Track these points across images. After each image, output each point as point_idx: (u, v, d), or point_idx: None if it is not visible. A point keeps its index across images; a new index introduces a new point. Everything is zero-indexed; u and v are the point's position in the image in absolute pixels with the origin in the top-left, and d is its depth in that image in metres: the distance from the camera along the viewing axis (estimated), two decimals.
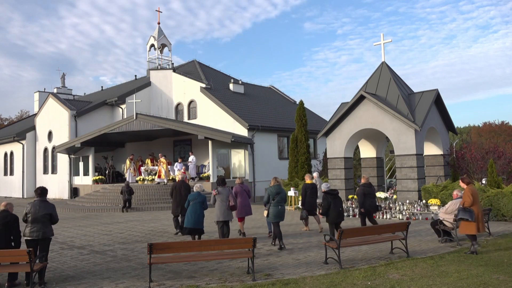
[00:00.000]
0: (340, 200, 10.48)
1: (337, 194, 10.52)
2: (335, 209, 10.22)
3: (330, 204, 10.25)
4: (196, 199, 10.80)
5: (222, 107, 26.02)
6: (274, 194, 10.33)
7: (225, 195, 10.44)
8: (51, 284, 7.43)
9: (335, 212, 10.21)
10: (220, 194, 10.46)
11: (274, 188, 10.45)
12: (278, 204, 10.27)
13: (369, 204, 11.57)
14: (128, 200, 19.54)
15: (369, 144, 19.75)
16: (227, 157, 24.48)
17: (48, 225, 7.57)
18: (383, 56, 18.15)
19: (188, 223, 10.64)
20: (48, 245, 7.71)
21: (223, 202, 10.39)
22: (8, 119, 58.71)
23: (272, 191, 10.38)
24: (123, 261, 9.14)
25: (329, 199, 10.31)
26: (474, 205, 8.97)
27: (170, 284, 7.20)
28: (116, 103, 29.42)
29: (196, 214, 10.64)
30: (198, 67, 31.88)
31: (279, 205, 10.28)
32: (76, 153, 26.87)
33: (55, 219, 7.68)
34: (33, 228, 7.41)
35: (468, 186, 9.21)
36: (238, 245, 7.83)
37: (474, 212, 8.85)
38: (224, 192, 10.49)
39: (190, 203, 10.81)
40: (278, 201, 10.29)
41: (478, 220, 8.87)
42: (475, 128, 69.86)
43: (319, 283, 6.92)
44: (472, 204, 8.94)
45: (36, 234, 7.39)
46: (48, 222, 7.57)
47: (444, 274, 7.22)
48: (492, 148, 18.29)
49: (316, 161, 25.43)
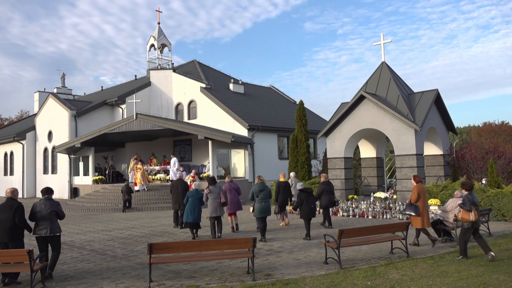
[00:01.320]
0: (313, 198, 11.41)
1: (310, 192, 11.33)
2: (308, 206, 11.07)
3: (303, 201, 11.10)
4: (195, 196, 11.72)
5: (222, 107, 26.02)
6: (258, 192, 11.36)
7: (216, 193, 11.53)
8: (51, 284, 7.43)
9: (308, 208, 11.07)
10: (212, 193, 11.50)
11: (258, 186, 11.47)
12: (262, 201, 11.29)
13: (328, 199, 12.76)
14: (128, 200, 19.55)
15: (369, 144, 19.75)
16: (227, 157, 24.48)
17: (55, 222, 7.87)
18: (383, 56, 18.16)
19: (188, 218, 11.55)
20: (58, 242, 7.95)
21: (215, 200, 11.43)
22: (8, 119, 58.72)
23: (255, 189, 11.44)
24: (123, 261, 9.14)
25: (303, 196, 11.16)
26: (420, 202, 9.78)
27: (170, 284, 7.20)
28: (116, 103, 29.41)
29: (195, 210, 11.55)
30: (198, 67, 31.89)
31: (263, 201, 11.29)
32: (76, 153, 26.86)
33: (61, 215, 7.99)
34: (41, 226, 7.71)
35: (417, 184, 10.02)
36: (238, 245, 7.84)
37: (419, 208, 9.70)
38: (215, 191, 11.55)
39: (189, 199, 11.72)
40: (262, 197, 11.31)
41: (423, 215, 9.72)
42: (475, 128, 69.81)
43: (319, 283, 6.92)
44: (417, 201, 9.78)
45: (44, 231, 7.68)
46: (55, 219, 7.87)
47: (444, 274, 7.22)
48: (492, 148, 18.28)
49: (316, 161, 25.42)
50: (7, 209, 7.52)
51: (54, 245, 7.86)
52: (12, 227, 7.47)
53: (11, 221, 7.45)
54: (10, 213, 7.46)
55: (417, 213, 9.69)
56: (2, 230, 7.45)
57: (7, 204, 7.59)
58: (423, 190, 9.96)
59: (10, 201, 7.65)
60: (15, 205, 7.56)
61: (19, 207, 7.59)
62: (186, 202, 11.80)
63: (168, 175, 23.55)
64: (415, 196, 9.84)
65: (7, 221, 7.44)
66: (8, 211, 7.49)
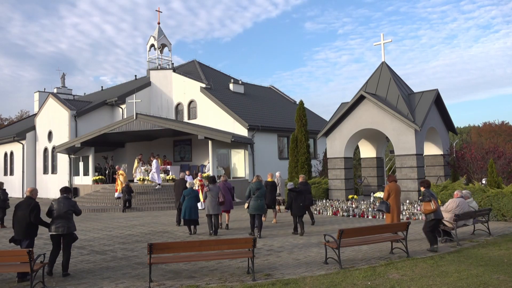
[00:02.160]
0: (302, 197, 11.98)
1: (299, 191, 12.03)
2: (297, 204, 11.79)
3: (292, 200, 11.85)
4: (190, 194, 12.53)
5: (222, 107, 26.02)
6: (255, 190, 11.82)
7: (215, 192, 12.11)
8: (51, 284, 7.43)
9: (297, 206, 11.79)
10: (211, 191, 12.09)
11: (255, 184, 11.98)
12: (258, 199, 11.77)
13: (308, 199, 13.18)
14: (128, 200, 19.56)
15: (369, 144, 19.75)
16: (227, 157, 24.48)
17: (71, 220, 8.09)
18: (383, 56, 18.17)
19: (185, 215, 12.34)
20: (72, 240, 8.15)
21: (213, 198, 11.99)
22: (8, 119, 58.71)
23: (253, 187, 11.90)
24: (123, 261, 9.14)
25: (292, 195, 11.91)
26: (391, 199, 10.49)
27: (170, 284, 7.20)
28: (116, 103, 29.42)
29: (191, 208, 12.30)
30: (198, 67, 31.89)
31: (259, 199, 11.78)
32: (76, 153, 26.87)
33: (78, 212, 8.25)
34: (58, 224, 7.93)
35: (390, 184, 10.75)
36: (238, 245, 7.83)
37: (390, 205, 10.48)
38: (214, 189, 12.15)
39: (185, 198, 12.46)
40: (258, 196, 11.79)
41: (393, 213, 10.50)
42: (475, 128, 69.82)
43: (319, 283, 6.92)
44: (388, 198, 10.52)
45: (61, 229, 7.92)
46: (71, 217, 8.11)
47: (444, 274, 7.22)
48: (492, 148, 18.27)
49: (316, 161, 25.42)
50: (24, 207, 7.86)
51: (67, 243, 8.05)
52: (28, 225, 7.80)
53: (27, 219, 7.78)
54: (26, 211, 7.79)
55: (387, 210, 10.49)
56: (18, 227, 7.83)
57: (25, 203, 7.94)
58: (395, 189, 10.63)
59: (28, 200, 8.00)
60: (32, 204, 7.87)
61: (35, 206, 7.87)
62: (183, 200, 12.50)
63: (168, 175, 23.55)
64: (386, 194, 10.64)
65: (23, 218, 7.79)
66: (25, 209, 7.82)
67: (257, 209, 11.70)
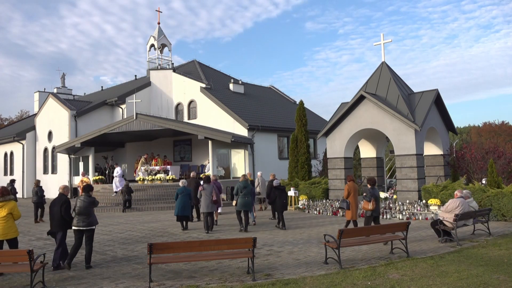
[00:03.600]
0: (286, 194, 13.36)
1: (283, 189, 13.30)
2: (280, 201, 12.92)
3: (276, 197, 12.99)
4: (183, 192, 13.52)
5: (222, 107, 26.02)
6: (242, 188, 12.74)
7: (209, 191, 12.83)
8: (51, 284, 7.43)
9: (280, 203, 12.91)
10: (205, 190, 12.83)
11: (242, 183, 12.88)
12: (245, 196, 12.67)
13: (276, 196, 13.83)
14: (128, 200, 19.55)
15: (369, 144, 19.75)
16: (227, 157, 24.47)
17: (92, 216, 8.76)
18: (383, 56, 18.17)
19: (177, 212, 13.27)
20: (92, 235, 8.82)
21: (207, 197, 12.74)
22: (8, 119, 58.70)
23: (240, 186, 12.81)
24: (123, 261, 9.14)
25: (276, 192, 13.07)
26: (350, 198, 11.53)
27: (170, 284, 7.20)
28: (116, 103, 29.41)
29: (183, 205, 13.30)
30: (198, 67, 31.88)
31: (246, 197, 12.68)
32: (76, 153, 26.86)
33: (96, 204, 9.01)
34: (79, 219, 8.60)
35: (348, 183, 11.82)
36: (238, 245, 7.83)
37: (349, 203, 11.49)
38: (208, 188, 12.87)
39: (178, 195, 13.45)
40: (245, 193, 12.69)
41: (353, 209, 11.49)
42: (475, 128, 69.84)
43: (319, 283, 6.92)
44: (348, 197, 11.55)
45: (82, 224, 8.60)
46: (92, 213, 8.80)
47: (444, 274, 7.22)
48: (492, 148, 18.28)
49: (316, 161, 25.42)
50: (57, 203, 8.74)
51: (89, 237, 8.68)
52: (60, 218, 8.63)
53: (59, 214, 8.61)
54: (58, 207, 8.66)
55: (348, 207, 11.54)
56: (53, 220, 8.73)
57: (58, 199, 8.82)
58: (354, 188, 11.71)
59: (61, 196, 8.90)
60: (63, 200, 8.79)
61: (65, 201, 8.76)
62: (176, 198, 13.48)
63: (168, 175, 23.54)
64: (346, 193, 11.69)
65: (56, 213, 8.65)
66: (58, 204, 8.70)
67: (244, 206, 12.64)
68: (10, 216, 8.20)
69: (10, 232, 8.21)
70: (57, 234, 8.64)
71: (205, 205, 12.71)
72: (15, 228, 8.35)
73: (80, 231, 8.61)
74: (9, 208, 8.16)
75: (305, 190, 18.58)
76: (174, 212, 13.63)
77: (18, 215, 8.33)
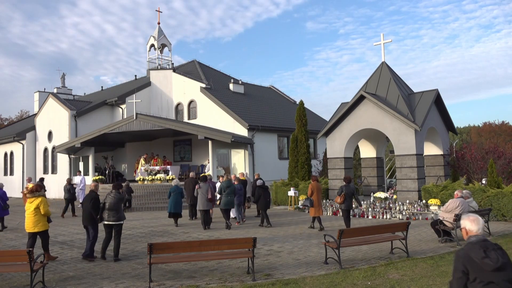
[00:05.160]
0: (269, 193, 14.13)
1: (266, 188, 14.06)
2: (264, 199, 13.64)
3: (260, 195, 13.66)
4: (176, 191, 14.53)
5: (222, 107, 26.01)
6: (225, 188, 13.48)
7: (205, 189, 13.36)
8: (51, 284, 7.43)
9: (264, 201, 13.60)
10: (201, 188, 13.42)
11: (225, 183, 13.69)
12: (228, 195, 13.47)
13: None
14: (128, 200, 19.53)
15: (369, 144, 19.75)
16: (227, 157, 24.46)
17: (120, 211, 9.39)
18: (383, 56, 18.17)
19: (170, 209, 14.36)
20: (121, 228, 9.49)
21: (204, 195, 13.29)
22: (8, 119, 58.70)
23: (223, 185, 13.60)
24: (123, 261, 9.15)
25: (260, 191, 13.75)
26: (314, 196, 12.54)
27: (170, 284, 7.20)
28: (116, 103, 29.40)
29: (175, 203, 14.35)
30: (198, 67, 31.87)
31: (229, 196, 13.48)
32: (76, 153, 26.85)
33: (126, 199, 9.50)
34: (109, 214, 9.23)
35: (312, 183, 12.82)
36: (238, 245, 7.83)
37: (313, 201, 12.50)
38: (204, 187, 13.43)
39: (171, 194, 14.44)
40: (228, 193, 13.47)
41: (316, 206, 12.50)
42: (475, 128, 69.85)
43: (319, 283, 6.92)
44: (311, 195, 12.53)
45: (112, 219, 9.23)
46: (121, 209, 9.42)
47: (444, 274, 7.22)
48: (492, 148, 18.27)
49: (316, 161, 25.41)
50: (87, 199, 9.51)
51: (117, 231, 9.31)
52: (91, 214, 9.36)
53: (89, 209, 9.35)
54: (89, 203, 9.40)
55: (312, 204, 12.53)
56: (84, 215, 9.53)
57: (89, 196, 9.56)
58: (317, 187, 12.73)
59: (91, 193, 9.65)
60: (92, 196, 9.51)
61: (94, 198, 9.50)
62: (169, 196, 14.54)
63: (168, 175, 23.53)
64: (310, 192, 12.64)
65: (87, 209, 9.41)
66: (88, 200, 9.45)
67: (228, 204, 13.47)
68: (38, 210, 8.87)
69: (38, 225, 8.88)
70: (88, 228, 9.49)
71: (201, 203, 13.30)
72: (44, 221, 8.98)
73: (109, 225, 9.25)
74: (37, 203, 8.88)
75: (305, 190, 18.54)
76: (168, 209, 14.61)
77: (46, 210, 8.92)
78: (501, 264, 3.28)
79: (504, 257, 3.33)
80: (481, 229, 3.55)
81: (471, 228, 3.58)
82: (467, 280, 3.45)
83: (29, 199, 8.97)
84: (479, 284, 3.32)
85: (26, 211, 8.94)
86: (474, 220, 3.59)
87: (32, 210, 8.85)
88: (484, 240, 3.47)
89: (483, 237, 3.52)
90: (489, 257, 3.32)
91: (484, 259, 3.31)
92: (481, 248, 3.39)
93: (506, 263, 3.32)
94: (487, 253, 3.34)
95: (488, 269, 3.29)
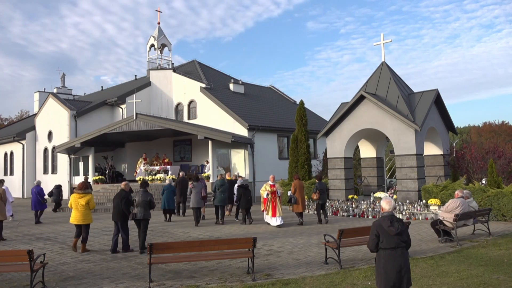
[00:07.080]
0: (249, 192, 14.56)
1: (247, 187, 14.58)
2: (245, 198, 14.17)
3: (241, 195, 14.19)
4: (169, 189, 15.79)
5: (222, 107, 26.01)
6: (219, 186, 14.47)
7: (199, 188, 14.36)
8: (51, 284, 7.43)
9: (245, 200, 14.17)
10: (195, 187, 14.32)
11: (219, 181, 14.70)
12: (222, 193, 14.44)
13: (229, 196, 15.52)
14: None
15: (369, 144, 19.74)
16: (227, 157, 24.47)
17: (147, 209, 10.09)
18: (383, 56, 18.16)
19: (163, 206, 15.63)
20: (147, 224, 10.23)
21: (197, 194, 14.21)
22: (8, 119, 58.71)
23: (217, 183, 14.65)
24: (123, 261, 9.14)
25: (241, 190, 14.30)
26: (297, 193, 13.66)
27: (170, 284, 7.20)
28: (116, 103, 29.40)
29: (169, 200, 15.67)
30: (198, 67, 31.87)
31: (222, 193, 14.45)
32: (76, 153, 26.86)
33: (153, 205, 10.18)
34: (137, 210, 10.00)
35: (295, 181, 14.02)
36: (238, 245, 7.83)
37: (297, 198, 13.64)
38: (198, 186, 14.41)
39: (165, 191, 15.73)
40: (222, 190, 14.46)
41: (299, 202, 13.66)
42: (475, 128, 69.85)
43: (319, 283, 6.92)
44: (295, 193, 13.66)
45: (139, 215, 10.00)
46: (147, 206, 10.08)
47: (444, 274, 7.22)
48: (492, 148, 18.25)
49: (316, 161, 25.40)
50: (118, 197, 10.13)
51: (144, 226, 10.08)
52: (121, 211, 10.02)
53: (119, 206, 10.02)
54: (119, 200, 10.04)
55: (295, 201, 13.66)
56: (115, 212, 10.18)
57: (119, 194, 10.20)
58: (299, 185, 13.86)
59: (122, 191, 10.29)
60: (123, 195, 10.16)
61: (125, 196, 10.14)
62: (163, 194, 15.73)
63: (168, 175, 23.52)
64: (292, 189, 13.80)
65: (117, 206, 10.10)
66: (118, 198, 10.10)
67: (221, 201, 14.39)
68: (87, 206, 10.09)
69: (86, 219, 10.12)
70: (117, 223, 10.09)
71: (194, 201, 14.13)
72: (91, 216, 10.26)
73: (138, 220, 10.05)
74: (87, 199, 10.08)
75: (305, 190, 18.54)
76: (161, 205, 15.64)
77: (93, 206, 10.30)
78: (400, 231, 4.93)
79: (402, 226, 4.97)
80: (392, 208, 5.12)
81: (385, 207, 5.16)
82: (378, 240, 5.00)
83: (79, 195, 10.05)
84: (386, 243, 4.94)
85: (73, 206, 10.01)
86: (388, 202, 5.16)
87: (83, 205, 10.01)
88: (391, 215, 5.06)
89: (392, 213, 5.10)
90: (393, 226, 4.93)
91: (389, 227, 4.93)
92: (388, 220, 4.99)
93: (403, 230, 4.97)
94: (392, 223, 4.95)
95: (392, 233, 4.93)
